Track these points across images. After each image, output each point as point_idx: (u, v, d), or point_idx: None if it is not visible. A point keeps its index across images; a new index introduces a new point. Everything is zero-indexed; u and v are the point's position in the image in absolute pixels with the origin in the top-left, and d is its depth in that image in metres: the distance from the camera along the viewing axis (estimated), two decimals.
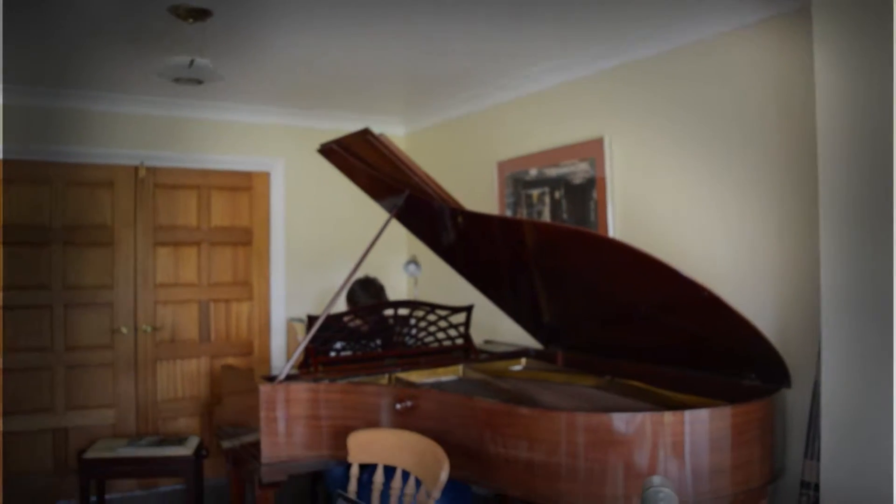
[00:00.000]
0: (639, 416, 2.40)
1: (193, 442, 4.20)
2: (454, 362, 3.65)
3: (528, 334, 3.90)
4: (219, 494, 4.71)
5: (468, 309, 3.82)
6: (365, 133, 2.92)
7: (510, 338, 4.29)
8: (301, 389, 3.00)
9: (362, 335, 3.65)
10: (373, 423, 2.94)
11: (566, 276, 3.10)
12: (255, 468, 3.00)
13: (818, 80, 2.49)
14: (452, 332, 3.85)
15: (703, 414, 2.43)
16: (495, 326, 4.47)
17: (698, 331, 2.78)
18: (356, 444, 2.64)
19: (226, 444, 3.45)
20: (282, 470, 3.00)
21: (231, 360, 5.17)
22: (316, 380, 3.16)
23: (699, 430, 2.42)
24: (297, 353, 3.13)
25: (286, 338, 5.38)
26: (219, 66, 3.51)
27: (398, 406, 2.88)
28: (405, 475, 2.57)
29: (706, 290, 2.47)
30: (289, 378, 3.08)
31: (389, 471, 2.65)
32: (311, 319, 3.29)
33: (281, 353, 5.37)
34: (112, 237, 4.85)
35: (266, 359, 5.33)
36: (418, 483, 2.51)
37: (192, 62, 2.74)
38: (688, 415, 2.42)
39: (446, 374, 3.58)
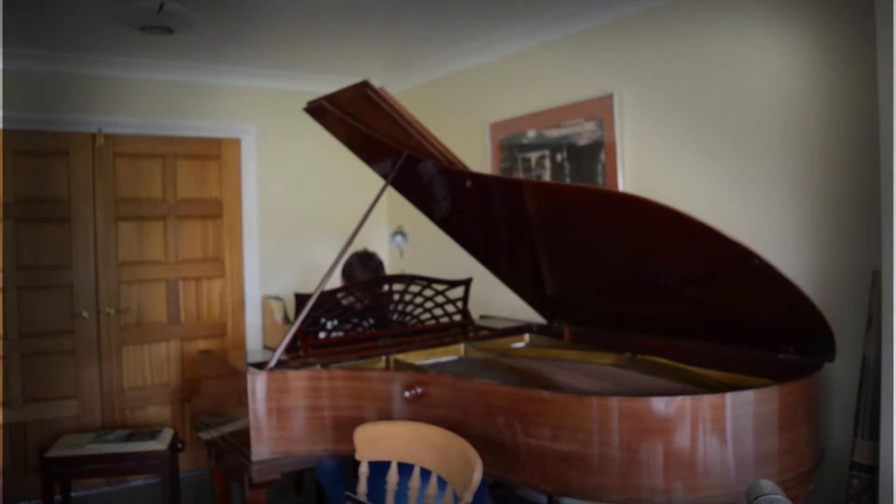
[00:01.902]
0: (677, 400, 2.14)
1: (167, 435, 3.84)
2: (453, 340, 3.39)
3: (527, 308, 3.65)
4: (196, 488, 4.38)
5: (467, 282, 3.54)
6: (363, 87, 2.58)
7: (506, 312, 4.06)
8: (295, 377, 2.69)
9: (354, 313, 3.33)
10: (378, 412, 2.65)
11: (580, 243, 2.83)
12: (243, 465, 2.69)
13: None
14: (450, 308, 3.57)
15: (748, 395, 2.18)
16: (490, 300, 4.20)
17: (730, 301, 2.53)
18: (364, 438, 2.33)
19: (205, 436, 3.13)
20: (275, 467, 2.71)
21: (203, 343, 4.83)
22: (307, 365, 2.88)
23: (744, 413, 2.17)
24: (289, 336, 2.80)
25: (262, 317, 5.03)
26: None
27: (407, 394, 2.58)
28: (425, 474, 2.27)
29: (757, 257, 2.20)
30: (278, 364, 2.76)
31: (405, 469, 2.34)
32: (301, 298, 2.98)
33: (256, 334, 5.02)
34: (69, 212, 4.44)
35: (241, 340, 4.99)
36: (441, 483, 2.21)
37: (161, 6, 2.35)
38: (730, 397, 2.17)
39: (447, 354, 3.31)
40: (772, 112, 2.95)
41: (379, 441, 2.34)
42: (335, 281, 3.95)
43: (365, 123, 2.87)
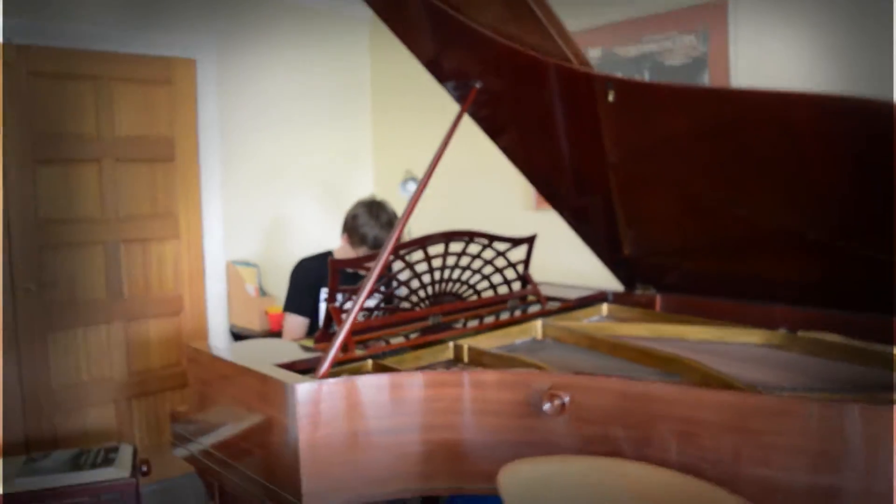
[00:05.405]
0: None
1: (126, 454, 2.80)
2: (523, 317, 2.60)
3: (579, 270, 3.11)
4: None
5: (530, 240, 2.73)
6: None
7: (551, 275, 3.30)
8: (372, 385, 1.78)
9: (401, 284, 2.53)
10: (497, 433, 1.78)
11: (720, 181, 2.07)
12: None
13: None
14: (509, 274, 2.78)
15: None
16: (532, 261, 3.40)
17: None
18: (517, 485, 1.49)
19: (181, 452, 2.22)
20: None
21: (153, 323, 3.93)
22: (351, 361, 2.05)
23: None
24: (345, 330, 1.89)
25: (227, 287, 4.05)
26: None
27: (547, 406, 1.71)
28: None
29: None
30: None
31: None
32: (339, 265, 2.19)
33: (220, 309, 4.09)
34: None
35: (202, 317, 4.00)
36: None
37: None
38: None
39: (521, 336, 2.49)
40: None
41: (550, 489, 1.48)
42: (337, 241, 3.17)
43: (451, 5, 1.95)
